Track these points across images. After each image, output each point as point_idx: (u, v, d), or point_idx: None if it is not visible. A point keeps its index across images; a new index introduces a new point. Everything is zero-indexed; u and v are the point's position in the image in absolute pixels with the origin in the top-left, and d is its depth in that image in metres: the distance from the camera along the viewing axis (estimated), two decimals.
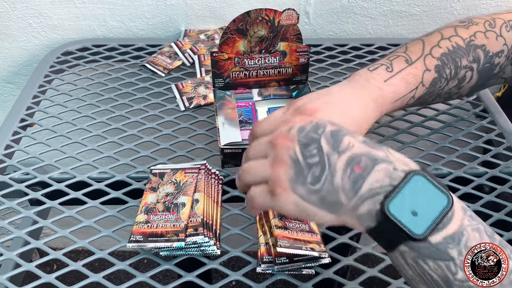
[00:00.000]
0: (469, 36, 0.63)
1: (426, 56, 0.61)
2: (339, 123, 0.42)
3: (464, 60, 0.62)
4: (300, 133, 0.42)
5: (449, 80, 0.62)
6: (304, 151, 0.41)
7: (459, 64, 0.62)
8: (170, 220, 0.58)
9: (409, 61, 0.60)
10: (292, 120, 0.50)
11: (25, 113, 0.78)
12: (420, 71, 0.60)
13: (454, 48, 0.62)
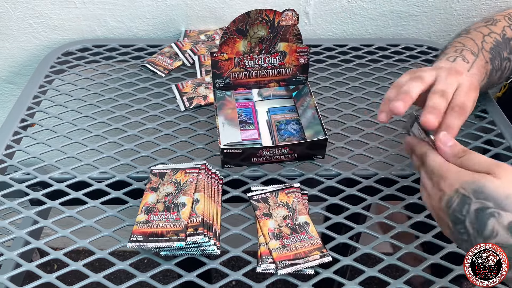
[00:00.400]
0: (501, 31, 0.71)
1: (482, 50, 0.67)
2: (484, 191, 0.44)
3: (504, 53, 0.70)
4: (448, 208, 0.46)
5: (497, 71, 0.69)
6: (455, 227, 0.46)
7: (502, 56, 0.69)
8: (170, 220, 0.58)
9: (475, 54, 0.66)
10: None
11: (26, 113, 0.79)
12: (484, 62, 0.66)
13: (497, 42, 0.69)
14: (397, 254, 0.59)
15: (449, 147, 0.49)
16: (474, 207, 0.44)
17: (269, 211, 0.61)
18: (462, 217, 0.45)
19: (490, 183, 0.44)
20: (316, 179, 0.68)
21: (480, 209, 0.44)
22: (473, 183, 0.45)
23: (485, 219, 0.43)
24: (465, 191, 0.45)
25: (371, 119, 0.78)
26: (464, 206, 0.45)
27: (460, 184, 0.45)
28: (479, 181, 0.44)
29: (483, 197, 0.44)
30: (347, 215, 0.63)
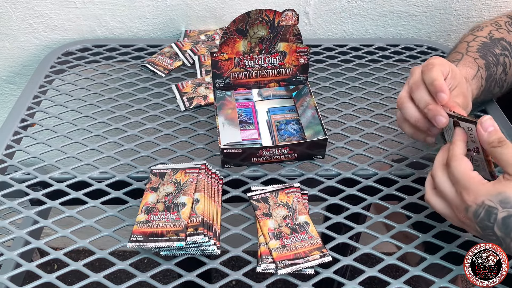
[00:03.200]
0: (487, 34, 0.74)
1: (467, 52, 0.70)
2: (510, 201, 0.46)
3: (496, 49, 0.72)
4: (476, 218, 0.48)
5: (496, 65, 0.70)
6: (484, 231, 0.49)
7: (495, 52, 0.71)
8: (170, 220, 0.58)
9: (461, 55, 0.70)
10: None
11: (26, 113, 0.79)
12: (472, 59, 0.69)
13: (483, 43, 0.72)
14: (397, 254, 0.59)
15: (488, 133, 0.49)
16: (501, 216, 0.46)
17: (269, 211, 0.61)
18: (491, 224, 0.47)
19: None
20: (316, 179, 0.68)
21: (507, 217, 0.46)
22: (498, 194, 0.47)
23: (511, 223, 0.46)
24: (492, 202, 0.47)
25: (371, 119, 0.78)
26: (491, 216, 0.47)
27: (486, 197, 0.47)
28: (504, 193, 0.47)
29: (509, 206, 0.46)
30: (347, 215, 0.63)
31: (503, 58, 0.72)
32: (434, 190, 0.54)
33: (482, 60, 0.70)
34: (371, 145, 0.73)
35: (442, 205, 0.53)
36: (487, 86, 0.70)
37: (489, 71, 0.70)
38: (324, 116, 0.77)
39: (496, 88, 0.73)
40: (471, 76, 0.67)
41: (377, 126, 0.76)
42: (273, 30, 0.70)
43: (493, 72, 0.70)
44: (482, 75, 0.69)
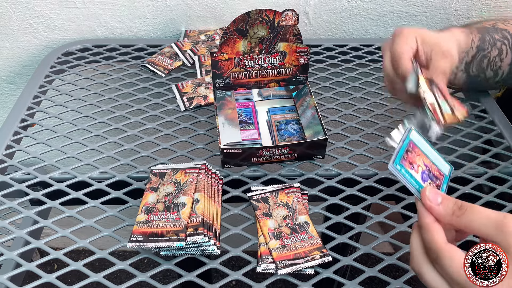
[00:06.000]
0: (491, 23, 0.72)
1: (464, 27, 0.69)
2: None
3: (495, 35, 0.70)
4: None
5: (492, 45, 0.69)
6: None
7: (493, 36, 0.70)
8: (170, 220, 0.58)
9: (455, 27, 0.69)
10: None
11: (26, 113, 0.79)
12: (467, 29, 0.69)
13: (484, 27, 0.71)
14: (397, 254, 0.59)
15: (442, 205, 0.43)
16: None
17: (269, 211, 0.61)
18: None
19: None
20: (316, 179, 0.68)
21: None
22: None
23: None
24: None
25: (371, 119, 0.78)
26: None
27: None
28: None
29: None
30: (347, 215, 0.63)
31: (501, 44, 0.70)
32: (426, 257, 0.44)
33: (477, 34, 0.69)
34: (371, 145, 0.73)
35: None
36: (479, 60, 0.69)
37: (482, 44, 0.69)
38: (324, 116, 0.77)
39: (489, 70, 0.71)
40: (459, 30, 0.67)
41: (377, 126, 0.76)
42: (273, 30, 0.70)
43: (486, 48, 0.69)
44: (474, 39, 0.68)
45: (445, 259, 0.41)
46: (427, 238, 0.43)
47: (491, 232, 0.40)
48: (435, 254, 0.42)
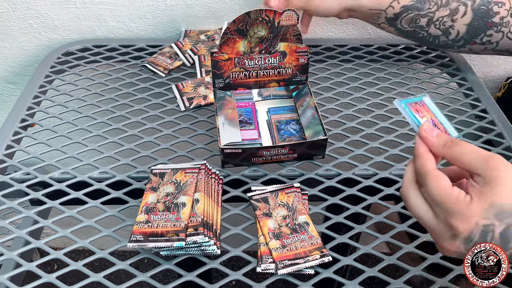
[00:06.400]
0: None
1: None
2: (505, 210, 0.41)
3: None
4: (467, 244, 0.42)
5: (439, 6, 0.68)
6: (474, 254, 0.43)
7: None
8: (170, 220, 0.58)
9: None
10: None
11: (26, 113, 0.79)
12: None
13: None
14: (397, 254, 0.59)
15: (436, 137, 0.45)
16: (499, 230, 0.41)
17: (269, 211, 0.62)
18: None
19: (505, 198, 0.40)
20: (316, 179, 0.68)
21: (505, 229, 0.41)
22: (491, 207, 0.41)
23: (509, 237, 0.41)
24: (487, 220, 0.41)
25: (371, 119, 0.78)
26: (487, 235, 0.42)
27: (480, 216, 0.41)
28: (495, 203, 0.41)
29: (506, 216, 0.41)
30: (347, 215, 0.63)
31: (458, 5, 0.68)
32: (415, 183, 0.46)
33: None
34: (371, 145, 0.73)
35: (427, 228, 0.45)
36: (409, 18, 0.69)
37: (418, 4, 0.68)
38: (324, 116, 0.77)
39: (433, 28, 0.71)
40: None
41: (377, 126, 0.76)
42: (273, 30, 0.70)
43: (426, 8, 0.68)
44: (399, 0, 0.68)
45: (430, 180, 0.43)
46: (418, 164, 0.45)
47: (479, 165, 0.41)
48: (423, 178, 0.44)
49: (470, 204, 0.41)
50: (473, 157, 0.42)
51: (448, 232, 0.43)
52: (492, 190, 0.41)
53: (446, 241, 0.43)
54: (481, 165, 0.41)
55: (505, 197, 0.41)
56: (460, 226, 0.42)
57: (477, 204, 0.41)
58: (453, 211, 0.42)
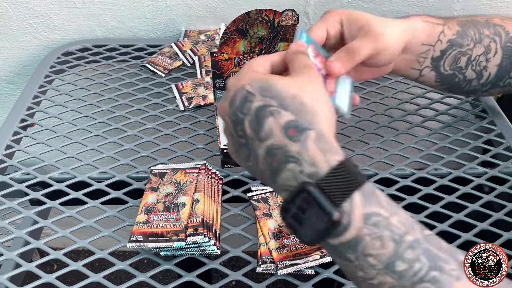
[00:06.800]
0: (486, 18, 0.62)
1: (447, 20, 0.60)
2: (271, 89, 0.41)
3: (485, 30, 0.61)
4: (231, 107, 0.42)
5: (475, 42, 0.60)
6: (235, 129, 0.42)
7: (481, 31, 0.60)
8: (170, 220, 0.58)
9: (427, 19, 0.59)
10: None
11: (26, 113, 0.79)
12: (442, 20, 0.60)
13: (473, 20, 0.61)
14: None
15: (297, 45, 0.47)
16: (256, 105, 0.40)
17: (269, 211, 0.61)
18: (242, 115, 0.41)
19: (281, 82, 0.41)
20: None
21: (261, 107, 0.40)
22: (262, 80, 0.41)
23: (263, 117, 0.40)
24: (251, 87, 0.41)
25: (371, 119, 0.78)
26: (246, 103, 0.41)
27: (248, 80, 0.41)
28: (270, 80, 0.41)
29: (269, 95, 0.40)
30: None
31: (490, 41, 0.60)
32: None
33: (456, 26, 0.59)
34: (371, 145, 0.73)
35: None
36: (453, 56, 0.60)
37: (461, 38, 0.59)
38: None
39: (470, 70, 0.61)
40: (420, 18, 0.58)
41: (377, 126, 0.76)
42: (273, 30, 0.70)
43: (466, 44, 0.60)
44: (446, 31, 0.59)
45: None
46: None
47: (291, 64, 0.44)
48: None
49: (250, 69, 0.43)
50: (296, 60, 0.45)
51: (225, 93, 0.44)
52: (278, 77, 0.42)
53: (222, 104, 0.44)
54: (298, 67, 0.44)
55: (281, 81, 0.41)
56: (230, 82, 0.43)
57: (256, 73, 0.42)
58: (239, 72, 0.43)
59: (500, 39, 0.61)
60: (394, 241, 0.36)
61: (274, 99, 0.40)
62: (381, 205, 0.37)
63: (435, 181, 0.67)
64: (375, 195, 0.37)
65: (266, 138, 0.40)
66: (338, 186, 0.37)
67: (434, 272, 0.35)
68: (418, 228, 0.37)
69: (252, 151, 0.41)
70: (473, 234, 0.59)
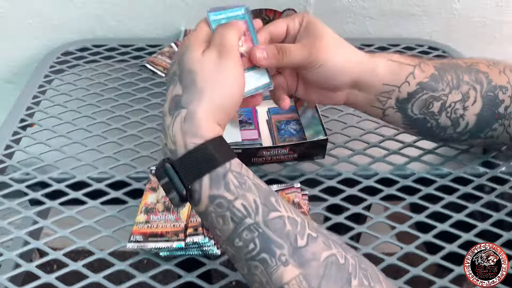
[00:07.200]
0: (471, 62, 0.59)
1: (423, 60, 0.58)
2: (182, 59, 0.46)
3: (465, 76, 0.57)
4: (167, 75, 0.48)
5: (452, 88, 0.56)
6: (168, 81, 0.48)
7: (461, 76, 0.57)
8: (170, 220, 0.58)
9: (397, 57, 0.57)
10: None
11: (25, 113, 0.78)
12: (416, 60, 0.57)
13: (454, 64, 0.58)
14: (397, 254, 0.58)
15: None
16: (170, 71, 0.47)
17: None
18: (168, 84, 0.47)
19: (191, 55, 0.45)
20: (316, 179, 0.68)
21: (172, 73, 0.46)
22: (184, 48, 0.46)
23: (169, 82, 0.46)
24: (177, 54, 0.47)
25: (371, 118, 0.78)
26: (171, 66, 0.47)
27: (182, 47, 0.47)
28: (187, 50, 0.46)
29: (179, 65, 0.45)
30: (347, 215, 0.63)
31: (469, 88, 0.57)
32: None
33: (432, 69, 0.56)
34: (371, 145, 0.73)
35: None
36: (423, 101, 0.56)
37: (435, 83, 0.56)
38: (324, 116, 0.77)
39: (444, 116, 0.57)
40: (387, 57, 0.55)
41: (377, 126, 0.76)
42: None
43: (440, 89, 0.56)
44: (417, 74, 0.55)
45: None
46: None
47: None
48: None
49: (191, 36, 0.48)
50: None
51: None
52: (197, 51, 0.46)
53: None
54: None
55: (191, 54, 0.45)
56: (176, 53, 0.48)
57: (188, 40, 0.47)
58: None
59: (481, 87, 0.57)
60: (233, 221, 0.41)
61: (180, 70, 0.45)
62: (228, 188, 0.42)
63: (436, 181, 0.66)
64: (224, 180, 0.42)
65: (165, 101, 0.46)
66: (190, 168, 0.42)
67: (264, 254, 0.40)
68: (262, 212, 0.41)
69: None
70: (473, 234, 0.59)
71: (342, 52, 0.52)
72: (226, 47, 0.45)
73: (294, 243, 0.40)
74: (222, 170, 0.42)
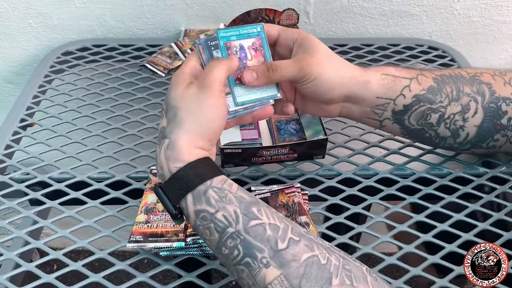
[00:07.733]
0: (474, 72, 0.59)
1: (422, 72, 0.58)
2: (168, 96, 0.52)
3: (466, 88, 0.57)
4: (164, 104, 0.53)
5: (451, 100, 0.57)
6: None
7: (461, 88, 0.57)
8: (170, 220, 0.58)
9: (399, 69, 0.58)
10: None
11: (25, 113, 0.78)
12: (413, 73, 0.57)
13: (455, 74, 0.58)
14: (397, 254, 0.58)
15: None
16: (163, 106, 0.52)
17: None
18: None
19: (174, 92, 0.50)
20: (316, 179, 0.68)
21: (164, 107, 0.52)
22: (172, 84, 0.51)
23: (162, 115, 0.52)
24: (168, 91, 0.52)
25: None
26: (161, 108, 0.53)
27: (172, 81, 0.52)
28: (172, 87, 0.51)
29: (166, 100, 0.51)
30: (347, 215, 0.63)
31: (469, 100, 0.57)
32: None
33: (429, 81, 0.57)
34: (372, 145, 0.73)
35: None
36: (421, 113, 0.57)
37: (432, 95, 0.57)
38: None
39: (443, 127, 0.59)
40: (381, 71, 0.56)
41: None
42: None
43: (438, 101, 0.57)
44: (413, 87, 0.56)
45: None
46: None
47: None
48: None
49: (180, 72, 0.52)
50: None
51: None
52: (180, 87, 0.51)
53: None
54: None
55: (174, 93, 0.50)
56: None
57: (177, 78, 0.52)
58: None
59: (483, 99, 0.58)
60: (217, 231, 0.45)
61: (166, 105, 0.51)
62: (209, 203, 0.46)
63: (436, 181, 0.66)
64: (205, 196, 0.46)
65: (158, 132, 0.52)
66: (175, 189, 0.47)
67: (247, 258, 0.43)
68: (243, 221, 0.45)
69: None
70: (473, 234, 0.59)
71: (334, 67, 0.54)
72: (207, 82, 0.49)
73: (275, 246, 0.43)
74: (203, 187, 0.46)
